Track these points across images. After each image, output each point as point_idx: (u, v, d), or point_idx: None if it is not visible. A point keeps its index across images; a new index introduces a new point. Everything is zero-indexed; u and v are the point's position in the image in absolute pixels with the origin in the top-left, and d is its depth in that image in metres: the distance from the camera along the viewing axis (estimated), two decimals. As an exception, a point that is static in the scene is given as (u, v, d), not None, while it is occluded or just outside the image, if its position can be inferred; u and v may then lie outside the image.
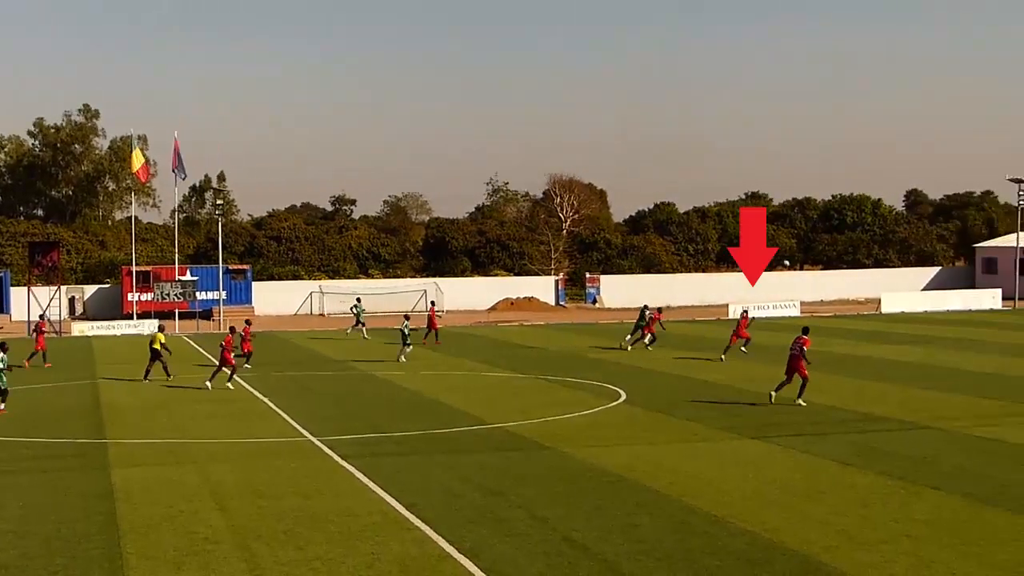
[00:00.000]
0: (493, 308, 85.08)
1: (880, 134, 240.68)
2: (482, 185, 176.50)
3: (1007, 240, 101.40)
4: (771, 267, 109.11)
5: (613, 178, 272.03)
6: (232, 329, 42.81)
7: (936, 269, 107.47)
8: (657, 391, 36.97)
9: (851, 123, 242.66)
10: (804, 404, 32.52)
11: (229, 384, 38.41)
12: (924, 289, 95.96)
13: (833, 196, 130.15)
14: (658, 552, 17.21)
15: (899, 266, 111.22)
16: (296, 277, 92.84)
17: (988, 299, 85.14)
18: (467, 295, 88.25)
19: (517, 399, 35.45)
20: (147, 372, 40.93)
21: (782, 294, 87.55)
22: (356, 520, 19.45)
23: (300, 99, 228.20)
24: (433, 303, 57.35)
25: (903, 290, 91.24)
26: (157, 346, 40.91)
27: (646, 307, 55.43)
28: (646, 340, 52.38)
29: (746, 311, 56.14)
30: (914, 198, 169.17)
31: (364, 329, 59.76)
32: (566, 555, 17.17)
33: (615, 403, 33.93)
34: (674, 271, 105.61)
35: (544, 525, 18.98)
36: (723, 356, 46.64)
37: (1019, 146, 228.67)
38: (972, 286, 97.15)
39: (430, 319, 56.36)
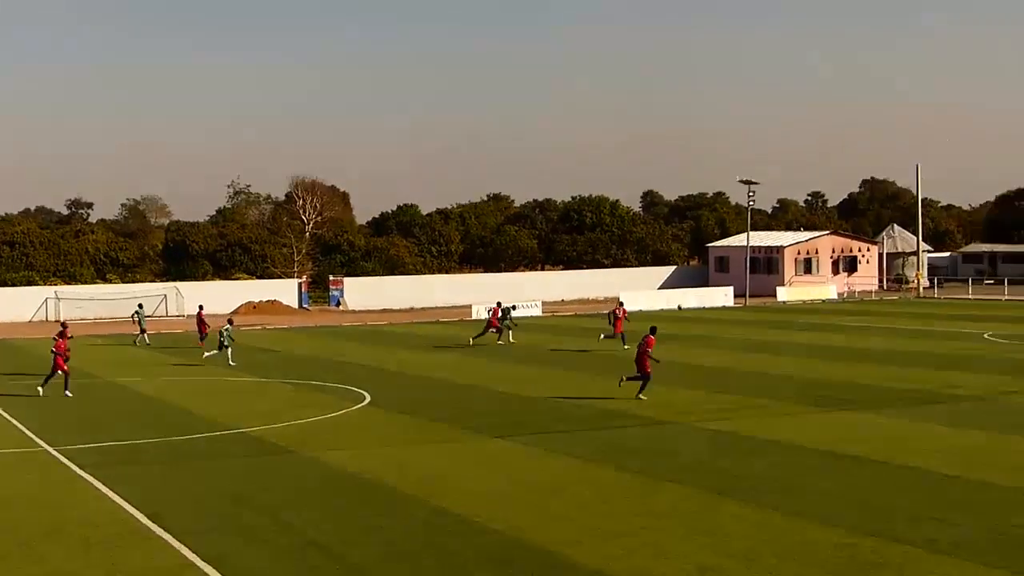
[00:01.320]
0: (235, 312, 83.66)
1: (616, 136, 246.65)
2: (223, 187, 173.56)
3: (738, 239, 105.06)
4: (513, 268, 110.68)
5: (356, 180, 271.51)
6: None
7: (672, 268, 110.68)
8: (401, 392, 37.05)
9: (588, 125, 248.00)
10: (644, 399, 33.30)
11: None
12: (660, 287, 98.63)
13: (573, 197, 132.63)
14: (405, 553, 17.26)
15: (637, 265, 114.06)
16: (30, 283, 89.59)
17: (721, 297, 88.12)
18: (209, 299, 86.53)
19: (261, 403, 35.01)
20: None
21: (524, 294, 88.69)
22: (96, 531, 18.92)
23: (31, 99, 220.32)
24: (201, 307, 56.27)
25: (641, 289, 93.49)
26: None
27: (499, 303, 56.82)
28: (500, 338, 54.44)
29: (621, 304, 56.93)
30: (650, 199, 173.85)
31: (145, 336, 57.72)
32: (312, 560, 17.06)
33: (360, 405, 33.84)
34: (418, 272, 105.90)
35: (289, 530, 18.82)
36: (626, 345, 48.29)
37: (750, 148, 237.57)
38: (706, 284, 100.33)
39: (200, 321, 55.51)
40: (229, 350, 45.96)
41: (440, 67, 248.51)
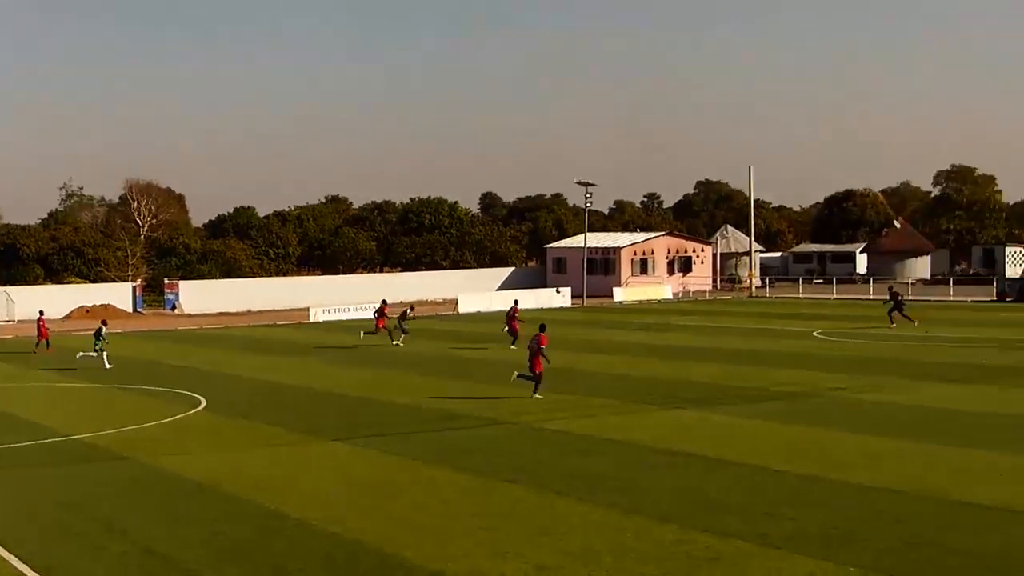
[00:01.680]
0: (68, 316, 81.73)
1: (455, 137, 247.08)
2: (55, 190, 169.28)
3: (575, 241, 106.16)
4: (351, 270, 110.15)
5: (192, 182, 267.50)
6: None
7: (510, 269, 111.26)
8: (238, 396, 36.64)
9: (427, 127, 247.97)
10: (540, 397, 33.71)
11: None
12: (499, 289, 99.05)
13: (412, 199, 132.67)
14: (242, 558, 17.06)
15: (476, 267, 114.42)
16: None
17: (559, 297, 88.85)
18: (40, 304, 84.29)
19: (94, 409, 34.32)
20: None
21: (363, 296, 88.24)
22: (-80, 544, 18.31)
23: None
24: (42, 312, 55.18)
25: (480, 290, 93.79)
26: None
27: (385, 300, 57.99)
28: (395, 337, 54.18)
29: (516, 302, 57.37)
30: (489, 201, 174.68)
31: None
32: (147, 567, 16.76)
33: (195, 410, 33.35)
34: (255, 275, 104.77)
35: (124, 537, 18.46)
36: (513, 345, 49.55)
37: (587, 149, 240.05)
38: (544, 285, 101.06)
39: (40, 327, 54.46)
40: (105, 353, 45.45)
41: (276, 66, 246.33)
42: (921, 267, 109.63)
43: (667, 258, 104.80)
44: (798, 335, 54.51)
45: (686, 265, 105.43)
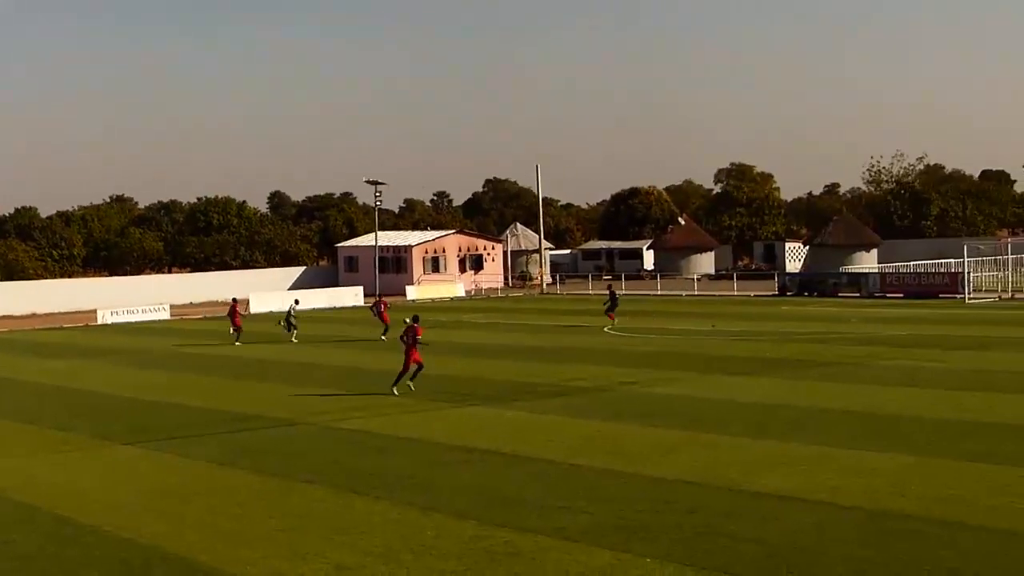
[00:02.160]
0: None
1: (243, 136, 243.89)
2: None
3: (367, 239, 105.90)
4: (139, 271, 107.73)
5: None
6: None
7: (301, 269, 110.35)
8: (23, 402, 35.65)
9: (214, 126, 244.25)
10: (413, 388, 33.88)
11: None
12: (290, 288, 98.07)
13: (199, 198, 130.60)
14: (33, 568, 16.62)
15: (266, 266, 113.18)
16: None
17: (350, 296, 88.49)
18: None
19: None
20: None
21: (151, 298, 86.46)
22: None
23: None
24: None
25: (270, 290, 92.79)
26: None
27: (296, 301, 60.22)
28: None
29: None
30: (278, 200, 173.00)
31: None
32: (-68, 581, 16.17)
33: (-22, 417, 32.28)
34: (39, 277, 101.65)
35: (-95, 551, 17.75)
36: (383, 336, 51.75)
37: (377, 147, 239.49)
38: (336, 284, 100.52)
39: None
40: None
41: (54, 60, 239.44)
42: (705, 263, 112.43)
43: (458, 256, 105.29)
44: (589, 331, 55.33)
45: (477, 263, 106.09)
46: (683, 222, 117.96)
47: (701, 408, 29.54)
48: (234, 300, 58.49)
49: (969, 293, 68.41)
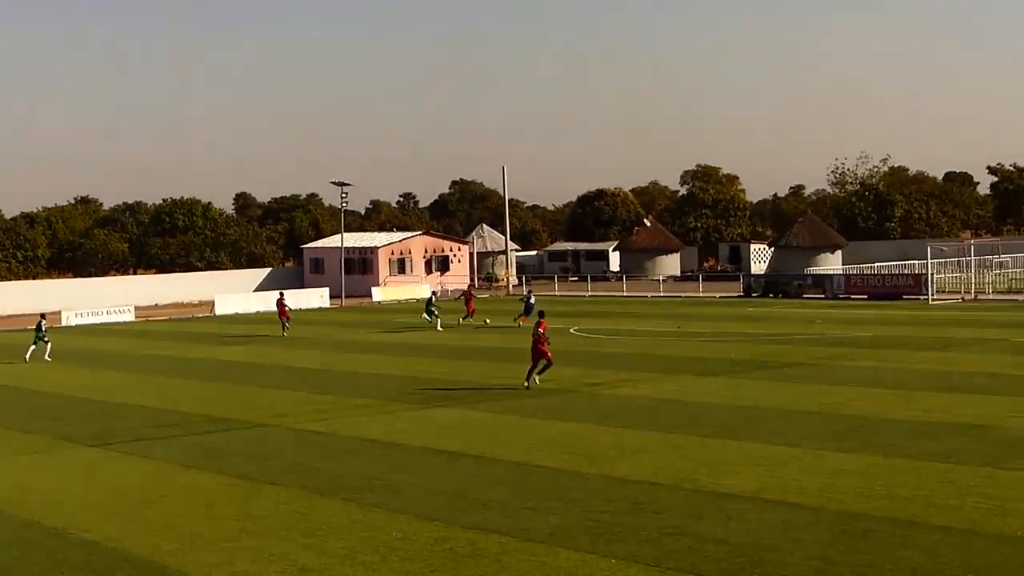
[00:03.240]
0: None
1: (207, 136, 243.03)
2: None
3: (332, 240, 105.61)
4: (104, 272, 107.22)
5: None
6: None
7: (267, 270, 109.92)
8: (-14, 404, 35.43)
9: (176, 126, 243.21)
10: (540, 383, 34.62)
11: None
12: (256, 290, 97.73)
13: (164, 200, 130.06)
14: (-3, 571, 16.55)
15: (232, 268, 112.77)
16: None
17: (317, 298, 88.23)
18: None
19: None
20: None
21: (116, 299, 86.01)
22: None
23: None
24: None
25: (236, 292, 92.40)
26: None
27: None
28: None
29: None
30: (243, 201, 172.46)
31: None
32: None
33: (-60, 420, 32.07)
34: (3, 279, 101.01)
35: None
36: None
37: (343, 149, 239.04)
38: (302, 285, 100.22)
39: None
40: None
41: (13, 59, 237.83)
42: (671, 264, 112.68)
43: (425, 257, 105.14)
44: (555, 332, 55.23)
45: (444, 264, 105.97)
46: (649, 224, 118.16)
47: (667, 409, 29.64)
48: (281, 294, 64.04)
49: (933, 294, 68.82)
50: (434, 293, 66.41)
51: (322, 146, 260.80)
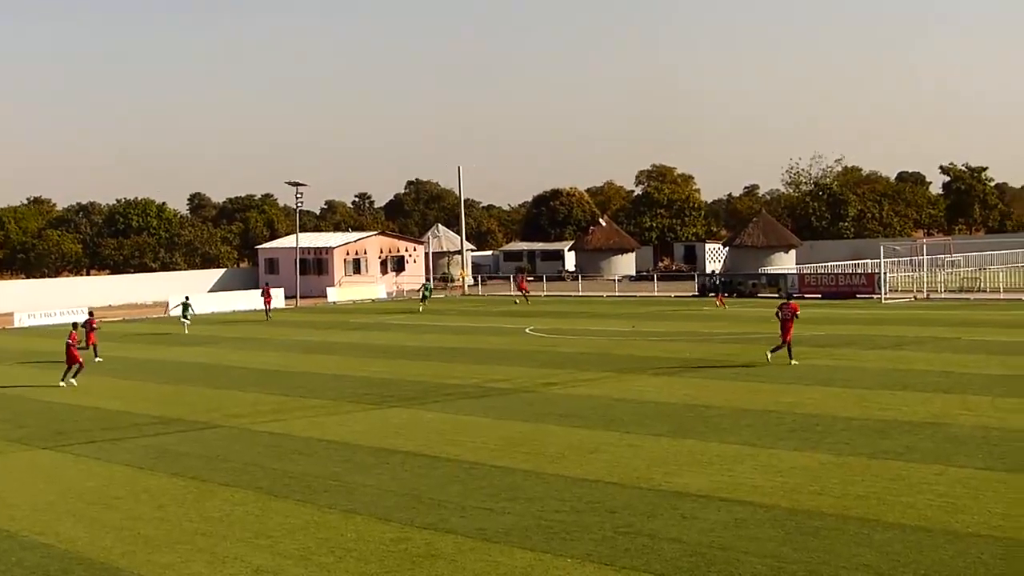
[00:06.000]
0: None
1: (161, 137, 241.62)
2: None
3: (287, 241, 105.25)
4: (57, 273, 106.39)
5: None
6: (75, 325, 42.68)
7: (222, 271, 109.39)
8: (-63, 407, 35.05)
9: (131, 127, 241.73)
10: (769, 360, 37.88)
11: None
12: (211, 291, 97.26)
13: (118, 200, 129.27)
14: (-54, 575, 16.38)
15: (186, 268, 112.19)
16: None
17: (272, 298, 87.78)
18: None
19: None
20: None
21: (70, 300, 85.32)
22: None
23: None
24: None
25: (191, 292, 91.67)
26: None
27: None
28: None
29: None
30: (198, 201, 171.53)
31: None
32: None
33: None
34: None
35: None
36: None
37: (297, 149, 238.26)
38: (257, 286, 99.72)
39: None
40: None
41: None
42: (626, 264, 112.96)
43: (380, 258, 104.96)
44: (511, 332, 55.42)
45: (399, 264, 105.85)
46: (604, 223, 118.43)
47: (622, 408, 29.69)
48: (266, 284, 69.21)
49: (885, 293, 69.35)
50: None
51: (277, 146, 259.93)
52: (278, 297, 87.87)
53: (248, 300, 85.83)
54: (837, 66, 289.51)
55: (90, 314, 51.30)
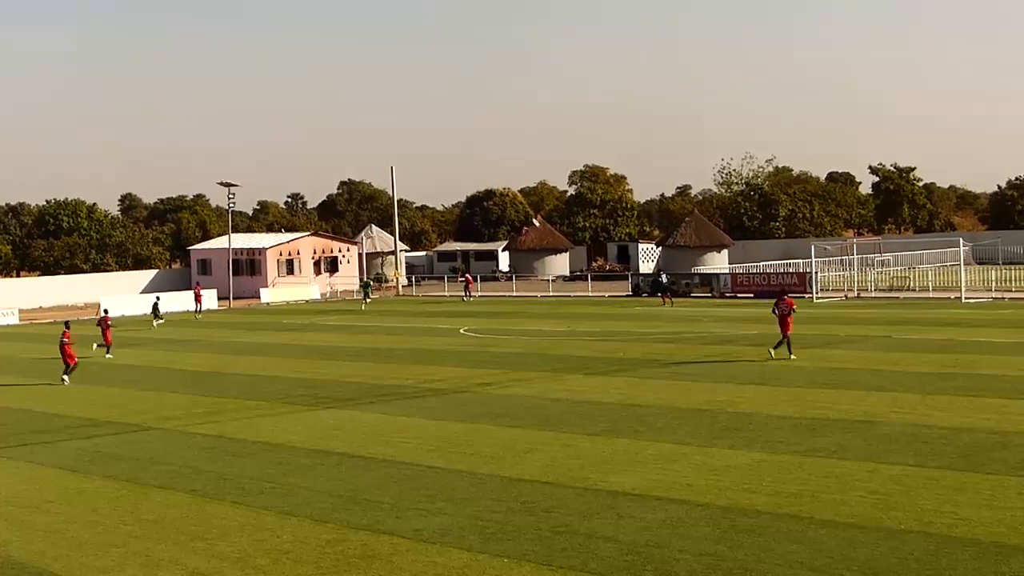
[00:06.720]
0: None
1: (92, 137, 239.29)
2: None
3: (220, 242, 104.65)
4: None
5: None
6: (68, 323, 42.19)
7: (154, 272, 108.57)
8: None
9: (62, 127, 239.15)
10: (773, 356, 38.51)
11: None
12: (143, 292, 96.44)
13: (48, 201, 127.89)
14: None
15: (118, 270, 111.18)
16: None
17: (205, 299, 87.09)
18: None
19: None
20: None
21: (0, 301, 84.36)
22: None
23: None
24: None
25: (122, 294, 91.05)
26: None
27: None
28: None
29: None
30: (129, 202, 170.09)
31: None
32: None
33: None
34: None
35: None
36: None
37: (229, 149, 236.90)
38: (189, 287, 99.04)
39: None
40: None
41: None
42: (560, 264, 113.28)
43: (313, 258, 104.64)
44: (445, 332, 55.43)
45: (333, 265, 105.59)
46: (538, 223, 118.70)
47: (557, 408, 29.78)
48: (197, 283, 71.03)
49: (817, 292, 69.97)
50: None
51: (209, 146, 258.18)
52: (210, 298, 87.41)
53: (180, 301, 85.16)
54: (767, 67, 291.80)
55: (105, 312, 51.05)
